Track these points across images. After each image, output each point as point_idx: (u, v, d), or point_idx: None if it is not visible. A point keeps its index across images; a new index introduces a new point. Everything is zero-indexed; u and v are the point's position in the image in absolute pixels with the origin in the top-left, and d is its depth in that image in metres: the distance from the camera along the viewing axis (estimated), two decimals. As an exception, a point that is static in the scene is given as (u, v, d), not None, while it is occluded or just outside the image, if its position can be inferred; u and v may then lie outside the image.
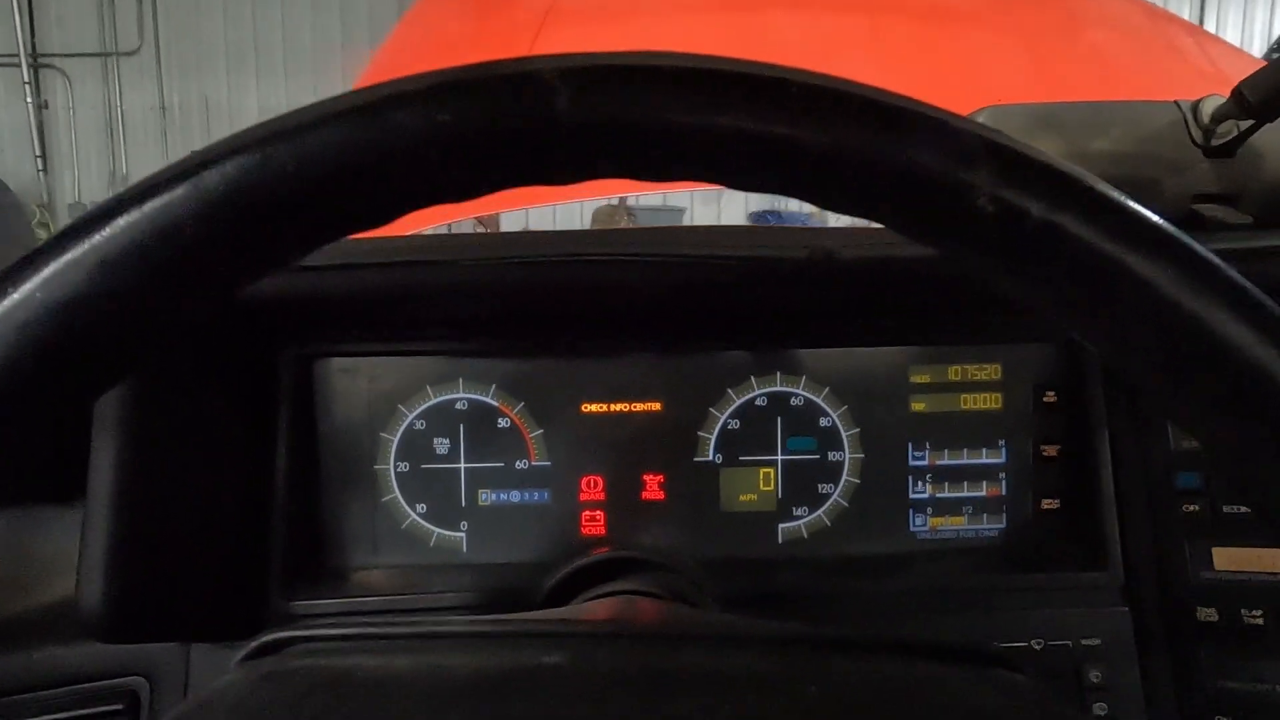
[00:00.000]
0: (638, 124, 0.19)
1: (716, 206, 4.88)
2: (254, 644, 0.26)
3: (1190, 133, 0.44)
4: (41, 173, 4.78)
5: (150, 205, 0.19)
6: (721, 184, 0.21)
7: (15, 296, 0.19)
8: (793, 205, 4.90)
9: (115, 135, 4.79)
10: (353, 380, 0.51)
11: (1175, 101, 0.45)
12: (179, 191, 0.19)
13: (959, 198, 0.19)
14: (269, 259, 0.21)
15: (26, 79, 4.68)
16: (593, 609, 0.36)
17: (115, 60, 4.77)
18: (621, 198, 3.49)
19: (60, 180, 4.84)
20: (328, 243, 0.21)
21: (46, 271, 0.19)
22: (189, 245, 0.19)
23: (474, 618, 0.29)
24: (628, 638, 0.26)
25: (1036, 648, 0.47)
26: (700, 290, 0.43)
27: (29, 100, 4.70)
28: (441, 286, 0.41)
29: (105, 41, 4.77)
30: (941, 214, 0.19)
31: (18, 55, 4.63)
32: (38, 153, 4.76)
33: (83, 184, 4.83)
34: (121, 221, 0.19)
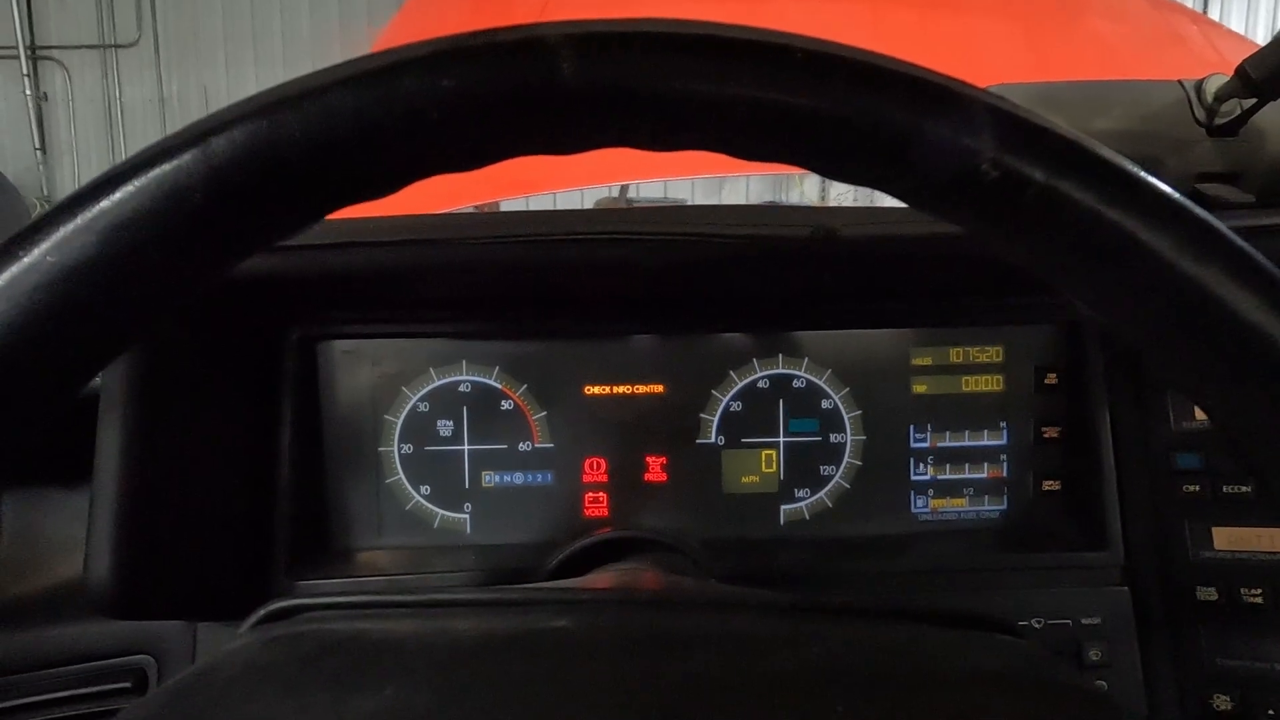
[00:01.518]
0: (642, 91, 0.19)
1: (718, 199, 4.86)
2: (261, 612, 0.26)
3: (1193, 111, 0.44)
4: (41, 165, 4.77)
5: (159, 170, 0.19)
6: (724, 152, 0.22)
7: (26, 260, 0.19)
8: (793, 196, 4.88)
9: (114, 127, 4.78)
10: (356, 362, 0.51)
11: (1179, 81, 0.45)
12: (187, 157, 0.19)
13: (962, 163, 0.19)
14: (276, 226, 0.21)
15: (26, 71, 4.66)
16: (596, 579, 0.36)
17: (114, 52, 4.76)
18: (623, 188, 3.48)
19: (60, 172, 4.83)
20: (335, 210, 0.22)
21: (58, 235, 0.19)
22: (197, 211, 0.19)
23: (479, 588, 0.29)
24: (632, 603, 0.26)
25: (1037, 626, 0.48)
26: (702, 269, 0.43)
27: (28, 92, 4.69)
28: (444, 265, 0.41)
29: (104, 33, 4.75)
30: (944, 180, 0.19)
31: (16, 47, 4.61)
32: (37, 145, 4.75)
33: (82, 176, 4.82)
34: (131, 186, 0.19)
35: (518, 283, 0.45)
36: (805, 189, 4.85)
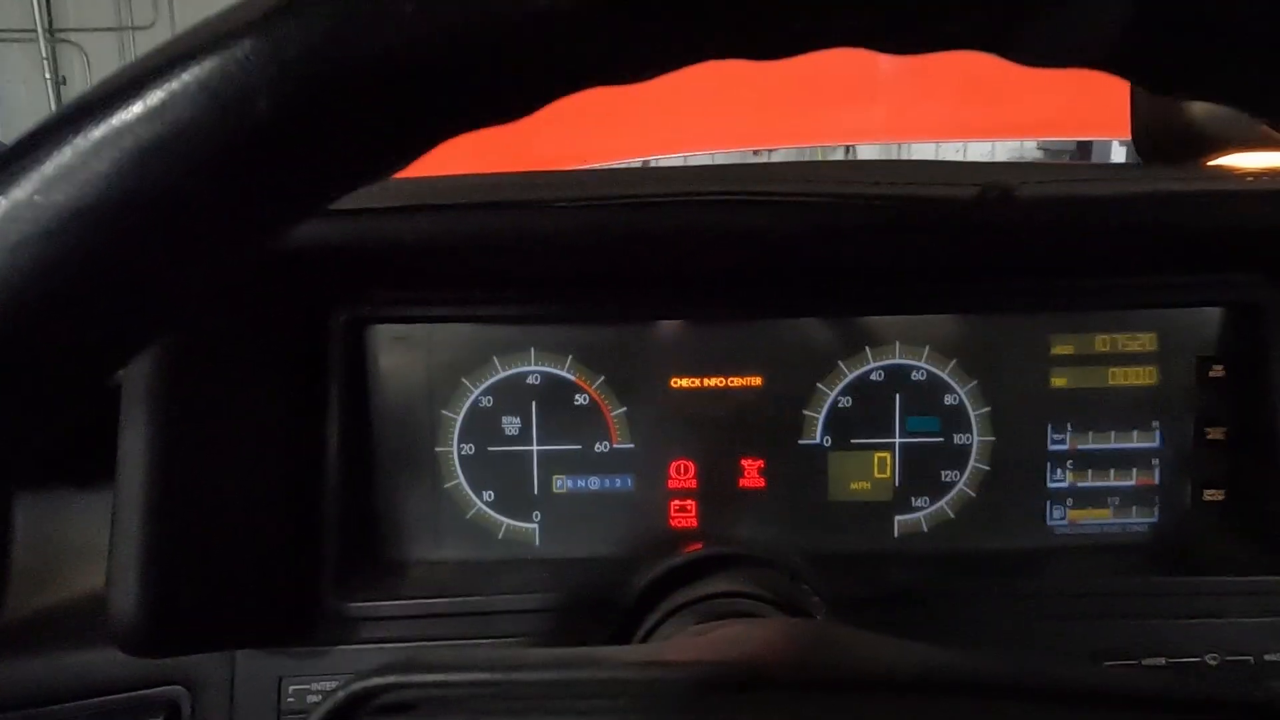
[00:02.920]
0: None
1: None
2: (330, 704, 0.20)
3: None
4: (62, 149, 4.77)
5: (202, 67, 0.12)
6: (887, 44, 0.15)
7: (3, 204, 0.12)
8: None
9: (133, 110, 4.76)
10: (410, 350, 0.45)
11: None
12: (244, 48, 0.13)
13: None
14: (372, 155, 0.14)
15: (45, 54, 4.66)
16: (721, 647, 0.28)
17: (131, 34, 4.74)
18: (644, 163, 3.38)
19: (80, 157, 4.83)
20: (450, 136, 0.15)
21: (52, 164, 0.12)
22: (260, 128, 0.13)
23: (588, 656, 0.23)
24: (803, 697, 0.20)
25: (1211, 663, 0.41)
26: (838, 239, 0.36)
27: (48, 76, 4.68)
28: (524, 234, 0.34)
29: (121, 16, 4.73)
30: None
31: (36, 30, 4.61)
32: (57, 129, 4.75)
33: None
34: (161, 91, 0.12)
35: (609, 257, 0.38)
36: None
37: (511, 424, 0.45)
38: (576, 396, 0.45)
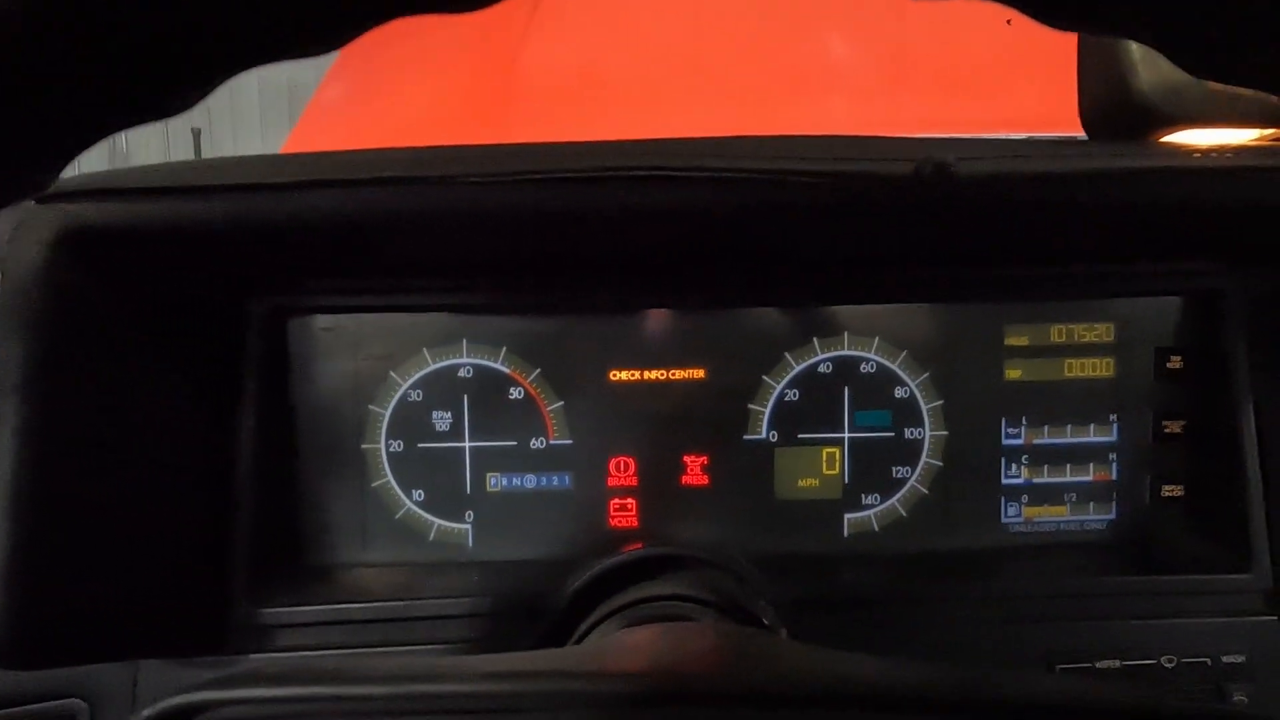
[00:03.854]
0: None
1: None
2: (147, 713, 0.18)
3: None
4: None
5: None
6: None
7: None
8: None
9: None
10: (335, 341, 0.43)
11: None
12: None
13: None
14: (118, 98, 0.12)
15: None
16: (631, 653, 0.26)
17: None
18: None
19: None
20: (230, 74, 0.13)
21: None
22: None
23: (447, 668, 0.21)
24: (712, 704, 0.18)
25: (1168, 665, 0.39)
26: (772, 219, 0.34)
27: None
28: (440, 212, 0.32)
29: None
30: None
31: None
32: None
33: (82, 161, 4.75)
34: None
35: (532, 238, 0.36)
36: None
37: (443, 419, 0.43)
38: (511, 390, 0.43)
